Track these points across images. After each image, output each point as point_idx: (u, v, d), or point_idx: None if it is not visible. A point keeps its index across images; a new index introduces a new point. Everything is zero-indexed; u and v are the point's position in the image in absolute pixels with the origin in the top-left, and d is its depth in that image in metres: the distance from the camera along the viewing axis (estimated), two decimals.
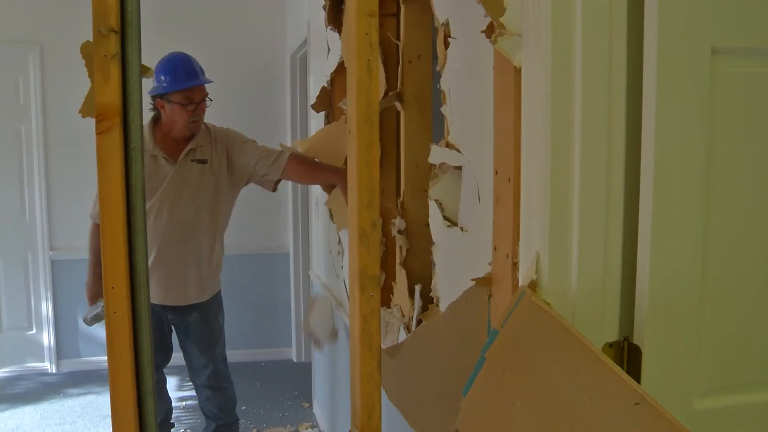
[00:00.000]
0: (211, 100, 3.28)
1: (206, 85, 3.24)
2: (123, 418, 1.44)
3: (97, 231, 3.20)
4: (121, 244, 1.41)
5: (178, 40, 5.12)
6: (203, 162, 3.22)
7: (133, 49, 1.40)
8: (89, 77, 1.39)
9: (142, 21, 1.43)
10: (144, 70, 1.45)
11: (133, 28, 1.39)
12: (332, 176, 3.17)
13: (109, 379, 1.44)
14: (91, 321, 3.24)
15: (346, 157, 1.80)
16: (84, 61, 1.41)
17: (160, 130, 3.24)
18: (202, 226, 3.25)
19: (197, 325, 3.34)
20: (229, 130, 3.37)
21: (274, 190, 3.38)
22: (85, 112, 1.43)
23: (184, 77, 3.14)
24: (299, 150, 3.32)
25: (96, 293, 3.25)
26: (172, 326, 3.38)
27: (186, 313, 3.31)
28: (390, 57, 2.49)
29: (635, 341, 1.37)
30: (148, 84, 1.59)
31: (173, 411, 3.70)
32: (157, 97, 3.19)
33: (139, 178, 1.43)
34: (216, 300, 3.42)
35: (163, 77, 3.15)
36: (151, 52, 3.05)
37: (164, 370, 3.46)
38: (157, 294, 3.20)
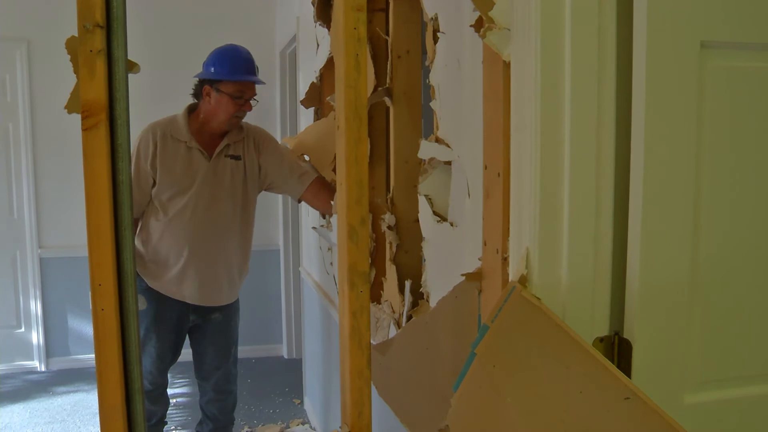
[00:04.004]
0: (257, 101, 3.12)
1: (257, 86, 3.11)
2: (111, 416, 1.43)
3: None
4: (108, 241, 1.40)
5: (167, 36, 5.13)
6: (237, 158, 3.11)
7: (119, 45, 1.39)
8: (75, 73, 1.38)
9: (130, 16, 1.42)
10: (131, 66, 1.44)
11: (118, 23, 1.38)
12: None
13: (96, 377, 1.43)
14: None
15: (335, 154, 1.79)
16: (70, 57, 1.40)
17: (196, 121, 3.10)
18: (236, 224, 3.15)
19: (218, 326, 3.28)
20: (261, 130, 3.25)
21: (298, 201, 3.31)
22: (71, 108, 1.42)
23: (243, 70, 3.01)
24: (288, 147, 3.30)
25: None
26: (190, 327, 3.29)
27: (209, 312, 3.24)
28: (379, 52, 2.49)
29: (626, 336, 1.37)
30: (134, 79, 1.57)
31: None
32: (206, 83, 3.02)
33: (125, 175, 1.41)
34: (237, 300, 3.39)
35: (219, 63, 3.00)
36: (140, 48, 3.04)
37: None
38: (190, 293, 3.12)
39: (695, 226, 1.38)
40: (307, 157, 3.24)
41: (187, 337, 3.33)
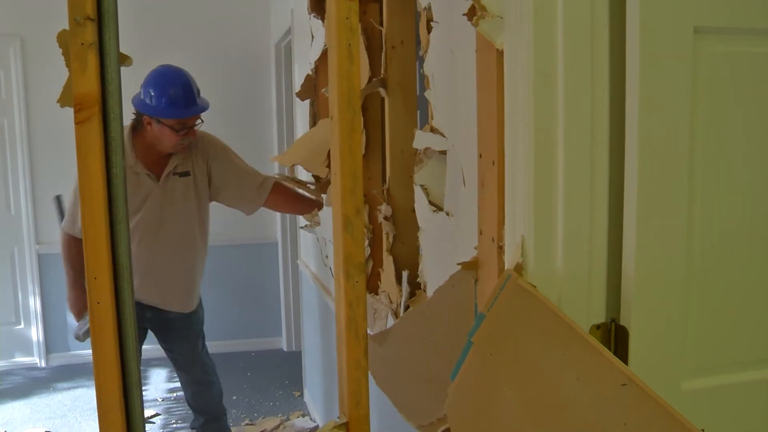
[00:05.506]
0: (203, 121, 2.99)
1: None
2: (109, 409, 1.43)
3: (72, 242, 2.98)
4: (103, 234, 1.39)
5: (160, 30, 5.11)
6: (186, 174, 3.01)
7: (110, 37, 1.38)
8: (67, 66, 1.37)
9: (122, 10, 1.41)
10: (123, 58, 1.43)
11: (110, 15, 1.37)
12: (309, 207, 3.15)
13: (94, 371, 1.43)
14: (84, 337, 3.03)
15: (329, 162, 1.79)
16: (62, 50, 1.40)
17: (142, 141, 2.98)
18: (190, 241, 3.11)
19: (179, 322, 3.23)
20: (211, 138, 3.14)
21: (249, 214, 3.24)
22: (63, 101, 1.41)
23: (182, 105, 2.85)
24: (277, 163, 3.26)
25: (82, 308, 3.03)
26: (150, 325, 3.22)
27: (166, 311, 3.20)
28: (373, 43, 2.48)
29: (622, 323, 1.37)
30: (127, 72, 1.55)
31: (160, 402, 3.66)
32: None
33: (120, 168, 1.41)
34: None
35: (155, 95, 2.83)
36: (132, 42, 3.02)
37: (155, 363, 3.40)
38: (144, 298, 3.07)
39: (691, 213, 1.38)
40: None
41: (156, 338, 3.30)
